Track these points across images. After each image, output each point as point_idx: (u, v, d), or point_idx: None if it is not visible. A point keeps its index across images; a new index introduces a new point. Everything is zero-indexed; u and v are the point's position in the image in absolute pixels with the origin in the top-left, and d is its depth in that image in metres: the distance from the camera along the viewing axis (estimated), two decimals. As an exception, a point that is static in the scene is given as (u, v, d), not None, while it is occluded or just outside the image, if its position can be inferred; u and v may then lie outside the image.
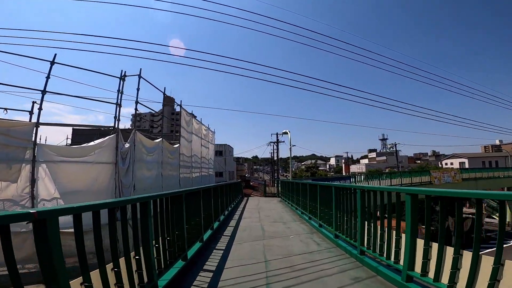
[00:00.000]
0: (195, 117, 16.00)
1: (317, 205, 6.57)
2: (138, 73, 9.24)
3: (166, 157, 10.69)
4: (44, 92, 7.33)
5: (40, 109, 7.22)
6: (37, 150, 6.76)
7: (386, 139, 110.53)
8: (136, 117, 12.69)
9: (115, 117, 8.27)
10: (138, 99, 8.86)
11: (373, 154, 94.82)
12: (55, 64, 7.82)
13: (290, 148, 14.09)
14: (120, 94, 8.52)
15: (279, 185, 17.26)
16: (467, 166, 47.49)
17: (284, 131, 15.51)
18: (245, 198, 16.77)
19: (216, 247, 5.15)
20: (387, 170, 51.79)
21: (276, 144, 33.83)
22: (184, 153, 13.25)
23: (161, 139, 10.15)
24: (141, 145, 8.62)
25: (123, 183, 7.83)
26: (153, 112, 10.61)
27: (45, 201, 6.81)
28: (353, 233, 4.37)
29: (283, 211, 10.41)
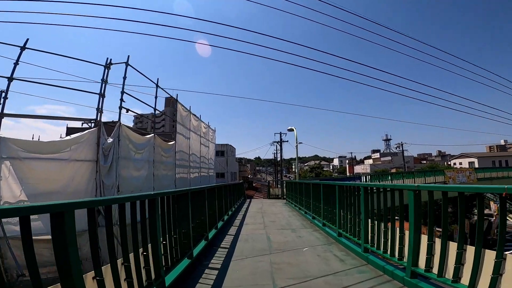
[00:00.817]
0: (196, 115, 14.92)
1: (334, 209, 5.40)
2: (126, 61, 8.18)
3: (159, 155, 9.59)
4: (10, 79, 6.28)
5: (5, 98, 6.18)
6: (0, 144, 5.68)
7: (390, 139, 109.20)
8: (138, 118, 11.61)
9: (97, 109, 7.20)
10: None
11: (377, 155, 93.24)
12: (27, 49, 6.80)
13: (296, 145, 12.93)
14: (104, 84, 7.46)
15: (284, 186, 16.07)
16: (476, 165, 45.92)
17: (289, 128, 14.33)
18: (248, 200, 15.62)
19: (210, 265, 4.01)
20: (394, 171, 50.36)
21: (279, 143, 32.63)
22: (181, 151, 12.14)
23: (152, 135, 9.05)
24: (127, 140, 7.52)
25: (104, 183, 6.72)
26: (151, 107, 9.54)
27: (9, 203, 5.73)
28: (398, 248, 3.20)
29: (290, 215, 9.24)
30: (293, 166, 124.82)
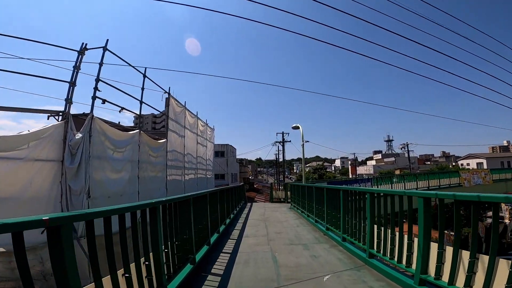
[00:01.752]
0: (193, 112, 13.66)
1: (358, 221, 4.12)
2: (104, 45, 6.95)
3: (146, 155, 8.32)
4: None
5: None
6: None
7: (392, 140, 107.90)
8: (139, 118, 10.39)
9: (66, 100, 5.95)
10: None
11: (379, 156, 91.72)
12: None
13: (303, 144, 11.64)
14: (76, 70, 6.22)
15: (288, 189, 14.75)
16: (485, 166, 44.53)
17: (294, 125, 13.04)
18: (249, 204, 14.32)
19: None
20: (397, 172, 48.95)
21: (282, 143, 31.32)
22: (174, 150, 10.87)
23: (137, 131, 7.78)
24: (102, 136, 6.24)
25: (72, 188, 5.45)
26: (137, 100, 8.28)
27: None
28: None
29: (298, 223, 7.94)
30: (294, 167, 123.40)
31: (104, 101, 6.60)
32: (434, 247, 2.62)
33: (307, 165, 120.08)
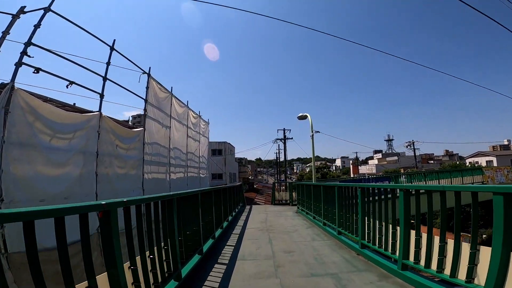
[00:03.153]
0: (183, 101, 11.69)
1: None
2: (47, 6, 5.02)
3: (111, 146, 6.36)
4: None
5: None
6: None
7: (392, 140, 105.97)
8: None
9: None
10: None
11: (379, 155, 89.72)
12: None
13: (312, 135, 9.66)
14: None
15: (292, 189, 12.76)
16: (495, 164, 42.62)
17: (299, 115, 11.08)
18: (247, 207, 12.33)
19: None
20: (401, 171, 47.06)
21: (283, 140, 29.30)
22: (155, 143, 8.90)
23: (96, 113, 5.80)
24: (31, 116, 4.28)
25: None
26: (100, 76, 6.29)
27: None
28: None
29: (313, 235, 5.98)
30: (294, 167, 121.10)
31: (37, 70, 4.62)
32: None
33: (308, 164, 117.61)
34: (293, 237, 5.86)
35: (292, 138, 29.02)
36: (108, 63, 6.62)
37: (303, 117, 11.59)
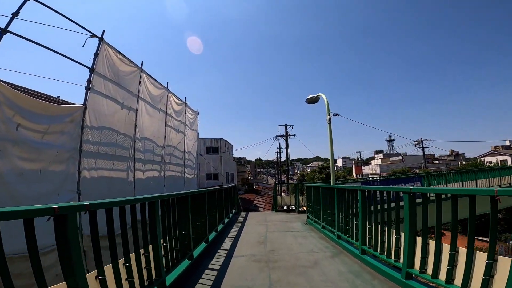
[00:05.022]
0: (160, 82, 9.08)
1: None
2: None
3: (3, 124, 3.73)
4: None
5: None
6: None
7: (393, 140, 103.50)
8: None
9: None
10: None
11: (380, 156, 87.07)
12: None
13: (329, 119, 7.00)
14: None
15: (299, 192, 10.12)
16: (509, 163, 40.02)
17: (311, 96, 8.49)
18: (243, 215, 9.71)
19: None
20: (416, 171, 44.42)
21: (285, 137, 26.62)
22: (105, 128, 6.29)
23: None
24: None
25: None
26: None
27: None
28: None
29: (346, 272, 3.35)
30: (295, 168, 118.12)
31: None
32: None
33: (308, 165, 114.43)
34: (314, 281, 3.24)
35: (294, 135, 26.40)
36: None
37: (314, 100, 8.96)
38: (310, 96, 8.96)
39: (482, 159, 46.06)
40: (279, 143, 51.34)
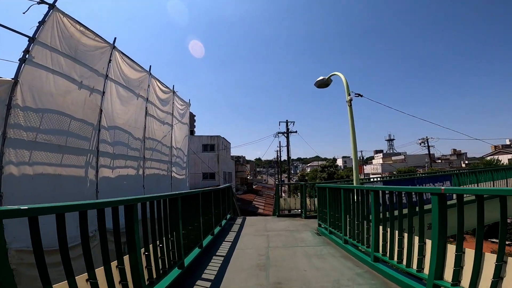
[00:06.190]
0: (138, 63, 7.48)
1: None
2: None
3: None
4: None
5: None
6: None
7: (393, 139, 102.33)
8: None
9: None
10: None
11: (380, 155, 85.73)
12: None
13: (350, 100, 5.45)
14: None
15: (306, 193, 8.53)
16: (518, 162, 38.54)
17: (321, 78, 6.94)
18: (239, 221, 8.13)
19: None
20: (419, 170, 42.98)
21: (286, 134, 25.03)
22: (54, 111, 4.71)
23: None
24: None
25: None
26: None
27: None
28: None
29: None
30: (296, 167, 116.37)
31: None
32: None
33: (308, 165, 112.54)
34: None
35: (296, 132, 24.78)
36: None
37: (325, 83, 7.39)
38: (321, 78, 7.38)
39: (490, 157, 44.56)
40: (280, 141, 49.77)
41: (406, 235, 2.75)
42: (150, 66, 8.79)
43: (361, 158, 76.28)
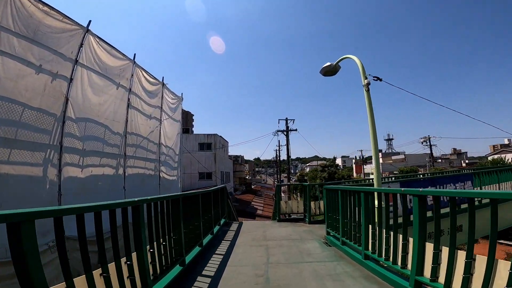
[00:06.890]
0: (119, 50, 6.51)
1: None
2: None
3: None
4: None
5: None
6: None
7: (392, 139, 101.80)
8: None
9: None
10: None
11: (379, 155, 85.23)
12: None
13: (367, 84, 4.55)
14: None
15: (310, 196, 7.59)
16: (523, 161, 37.80)
17: (327, 65, 5.96)
18: (235, 226, 7.20)
19: None
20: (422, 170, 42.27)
21: (285, 132, 24.10)
22: (4, 97, 3.76)
23: None
24: None
25: None
26: None
27: None
28: None
29: None
30: (296, 167, 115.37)
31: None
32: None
33: (307, 164, 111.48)
34: None
35: (296, 130, 23.87)
36: None
37: (332, 70, 6.47)
38: (328, 64, 6.45)
39: (496, 156, 43.83)
40: (279, 140, 48.88)
41: (463, 253, 1.92)
42: (135, 54, 7.85)
43: (361, 157, 75.57)
